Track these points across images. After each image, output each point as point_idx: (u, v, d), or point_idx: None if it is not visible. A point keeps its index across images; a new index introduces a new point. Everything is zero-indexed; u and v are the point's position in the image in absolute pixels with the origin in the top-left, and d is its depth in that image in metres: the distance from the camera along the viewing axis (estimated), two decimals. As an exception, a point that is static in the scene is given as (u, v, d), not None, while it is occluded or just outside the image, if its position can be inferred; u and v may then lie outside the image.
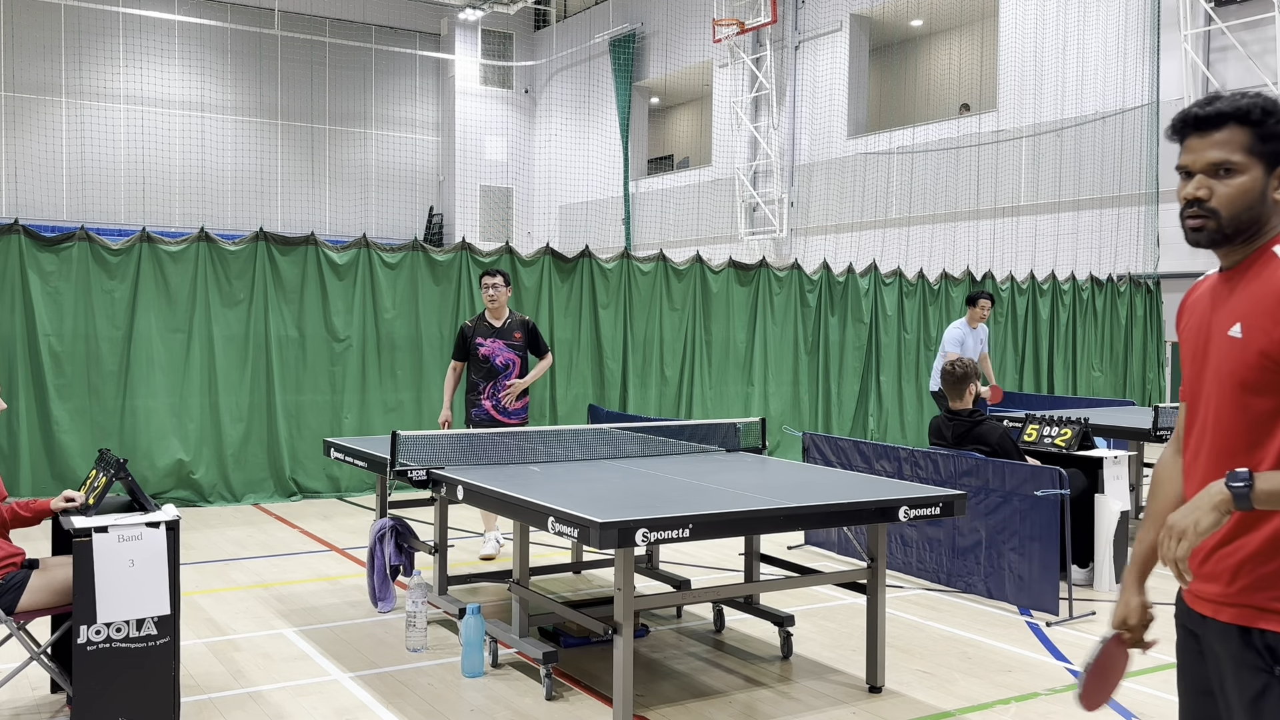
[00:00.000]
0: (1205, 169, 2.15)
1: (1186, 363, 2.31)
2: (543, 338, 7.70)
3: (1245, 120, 2.12)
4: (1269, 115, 2.11)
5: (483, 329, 7.44)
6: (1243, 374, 2.12)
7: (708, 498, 4.48)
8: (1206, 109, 2.15)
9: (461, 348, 7.49)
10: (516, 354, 7.45)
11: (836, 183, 20.85)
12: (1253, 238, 2.17)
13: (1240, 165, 2.13)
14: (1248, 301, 2.14)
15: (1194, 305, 2.33)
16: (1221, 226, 2.15)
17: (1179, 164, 2.22)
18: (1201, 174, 2.16)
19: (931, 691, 4.82)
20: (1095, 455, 6.82)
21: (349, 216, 26.66)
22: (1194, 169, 2.17)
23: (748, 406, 12.04)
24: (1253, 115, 2.12)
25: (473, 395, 7.51)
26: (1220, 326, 2.20)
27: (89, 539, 3.94)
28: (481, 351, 7.42)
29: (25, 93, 23.45)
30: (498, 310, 7.46)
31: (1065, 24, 17.04)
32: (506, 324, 7.47)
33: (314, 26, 25.93)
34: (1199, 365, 2.25)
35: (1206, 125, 2.15)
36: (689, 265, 11.74)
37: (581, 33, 27.10)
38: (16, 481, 8.58)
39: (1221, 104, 2.14)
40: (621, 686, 4.20)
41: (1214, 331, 2.22)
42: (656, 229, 25.00)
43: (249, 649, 5.32)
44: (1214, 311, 2.24)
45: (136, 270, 9.06)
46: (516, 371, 7.44)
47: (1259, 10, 14.55)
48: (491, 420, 7.42)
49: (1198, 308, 2.31)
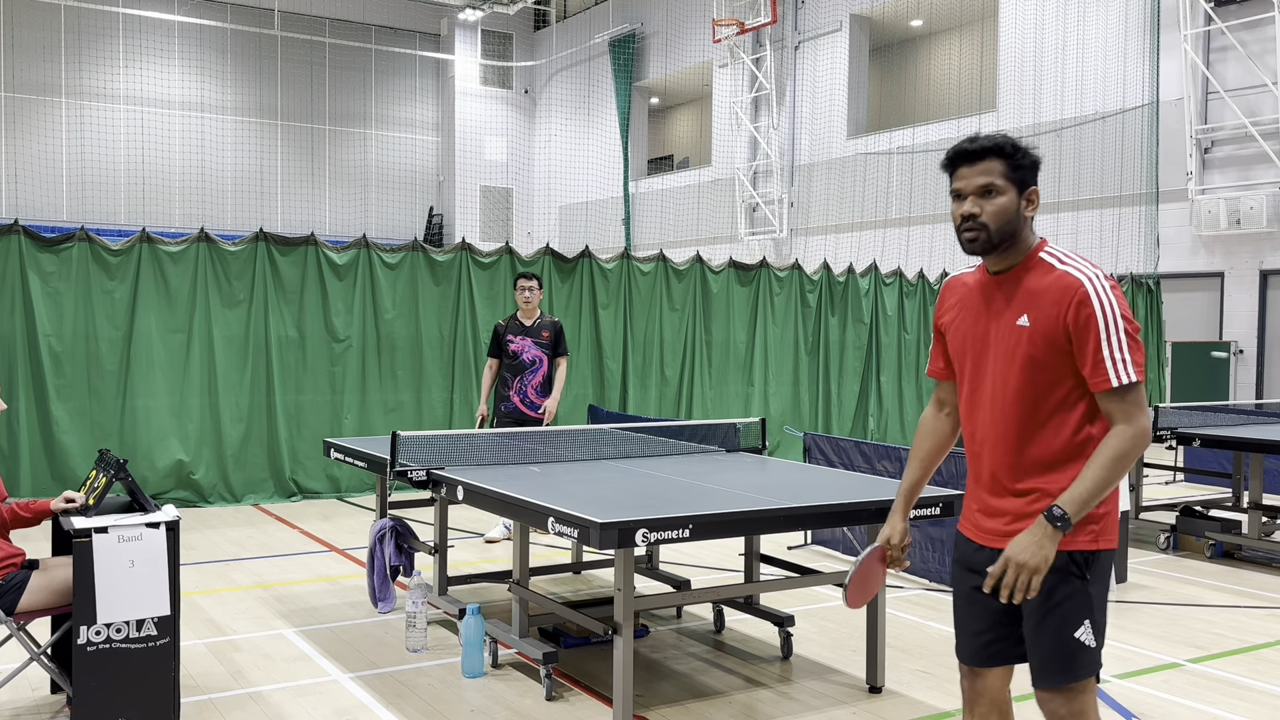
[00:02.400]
0: (975, 191, 2.77)
1: (962, 346, 2.94)
2: (565, 340, 8.14)
3: (1001, 154, 2.76)
4: (1018, 150, 2.76)
5: (514, 327, 7.95)
6: (1031, 353, 2.75)
7: (708, 498, 4.48)
8: (973, 145, 2.78)
9: (495, 345, 7.98)
10: (543, 352, 7.92)
11: (836, 183, 20.85)
12: (1012, 246, 2.81)
13: (1001, 188, 2.76)
14: (1029, 296, 2.77)
15: (965, 301, 2.95)
16: (990, 237, 2.77)
17: (953, 189, 2.82)
18: (972, 196, 2.78)
19: (931, 691, 4.82)
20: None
21: (349, 217, 26.67)
22: (965, 192, 2.79)
23: (748, 407, 12.04)
24: (1006, 149, 2.76)
25: (502, 390, 7.96)
26: (1005, 318, 2.82)
27: (89, 539, 3.94)
28: (510, 348, 7.89)
29: (25, 93, 23.45)
30: (530, 311, 7.96)
31: (1065, 24, 17.04)
32: (536, 324, 7.96)
33: (314, 27, 25.93)
34: (980, 348, 2.88)
35: (973, 158, 2.77)
36: (689, 265, 11.74)
37: (581, 33, 27.10)
38: (16, 482, 8.58)
39: (983, 140, 2.78)
40: (621, 687, 4.20)
41: (998, 322, 2.84)
42: (656, 229, 25.00)
43: (249, 649, 5.32)
44: (991, 305, 2.86)
45: (136, 270, 9.06)
46: (544, 369, 7.90)
47: (1259, 10, 14.55)
48: (520, 414, 7.86)
49: (970, 303, 2.93)
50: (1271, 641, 5.67)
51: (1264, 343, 14.91)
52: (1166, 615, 6.18)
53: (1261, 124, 14.49)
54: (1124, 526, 6.76)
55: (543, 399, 7.89)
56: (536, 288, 7.90)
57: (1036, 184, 2.82)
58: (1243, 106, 14.71)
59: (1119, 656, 5.36)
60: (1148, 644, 5.59)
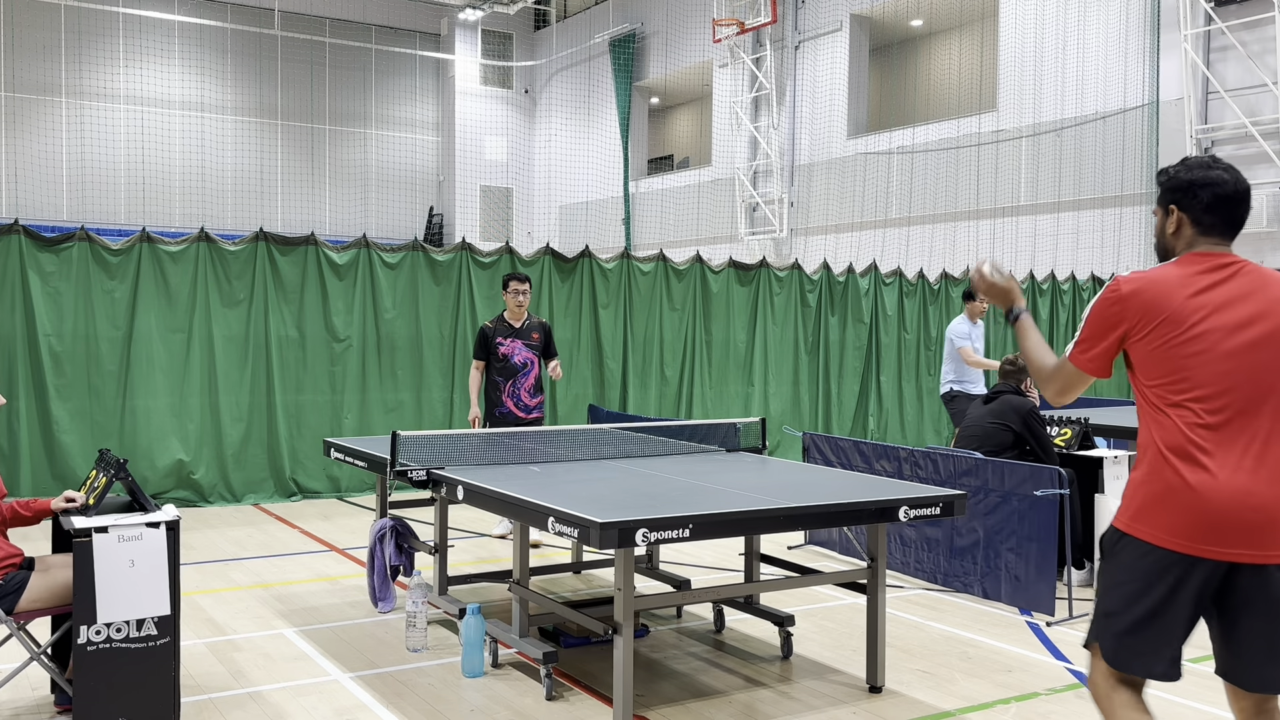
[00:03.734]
0: None
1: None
2: (554, 340, 8.05)
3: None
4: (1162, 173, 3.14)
5: (503, 329, 7.80)
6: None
7: (708, 498, 4.48)
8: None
9: (482, 347, 7.81)
10: (534, 353, 7.82)
11: (836, 183, 20.85)
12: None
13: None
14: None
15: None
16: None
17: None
18: None
19: (931, 691, 4.82)
20: (1095, 455, 6.82)
21: (349, 216, 26.65)
22: None
23: (748, 406, 12.04)
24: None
25: (494, 394, 7.82)
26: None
27: (89, 539, 3.94)
28: (501, 350, 7.74)
29: (25, 93, 23.44)
30: (519, 313, 7.81)
31: (1065, 24, 17.04)
32: (525, 325, 7.84)
33: (314, 26, 25.93)
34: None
35: None
36: (689, 265, 11.74)
37: (581, 33, 27.10)
38: (16, 481, 8.58)
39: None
40: (621, 686, 4.20)
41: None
42: (656, 229, 24.99)
43: (249, 649, 5.32)
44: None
45: (136, 270, 9.06)
46: (535, 370, 7.80)
47: (1259, 10, 14.55)
48: (514, 417, 7.74)
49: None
50: (1271, 641, 5.66)
51: (1264, 343, 14.89)
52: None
53: (1262, 124, 14.49)
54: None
55: (536, 399, 7.83)
56: (529, 289, 7.84)
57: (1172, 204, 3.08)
58: (1243, 106, 14.71)
59: (1119, 656, 5.35)
60: (1147, 644, 5.58)
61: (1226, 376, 2.86)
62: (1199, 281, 2.92)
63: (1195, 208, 3.00)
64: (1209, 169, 3.00)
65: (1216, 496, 2.81)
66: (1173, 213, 3.05)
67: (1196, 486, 2.83)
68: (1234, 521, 2.80)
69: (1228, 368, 2.86)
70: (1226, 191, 2.98)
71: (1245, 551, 2.82)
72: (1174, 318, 2.90)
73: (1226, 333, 2.87)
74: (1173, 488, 2.87)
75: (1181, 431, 2.87)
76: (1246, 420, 2.85)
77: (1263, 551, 2.82)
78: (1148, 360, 2.96)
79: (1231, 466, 2.83)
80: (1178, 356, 2.89)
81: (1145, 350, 2.95)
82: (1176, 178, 3.03)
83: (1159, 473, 2.91)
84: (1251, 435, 2.85)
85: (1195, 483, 2.84)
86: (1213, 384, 2.86)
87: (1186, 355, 2.88)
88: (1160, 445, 2.92)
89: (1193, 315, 2.89)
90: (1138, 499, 2.95)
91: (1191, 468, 2.85)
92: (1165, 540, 2.87)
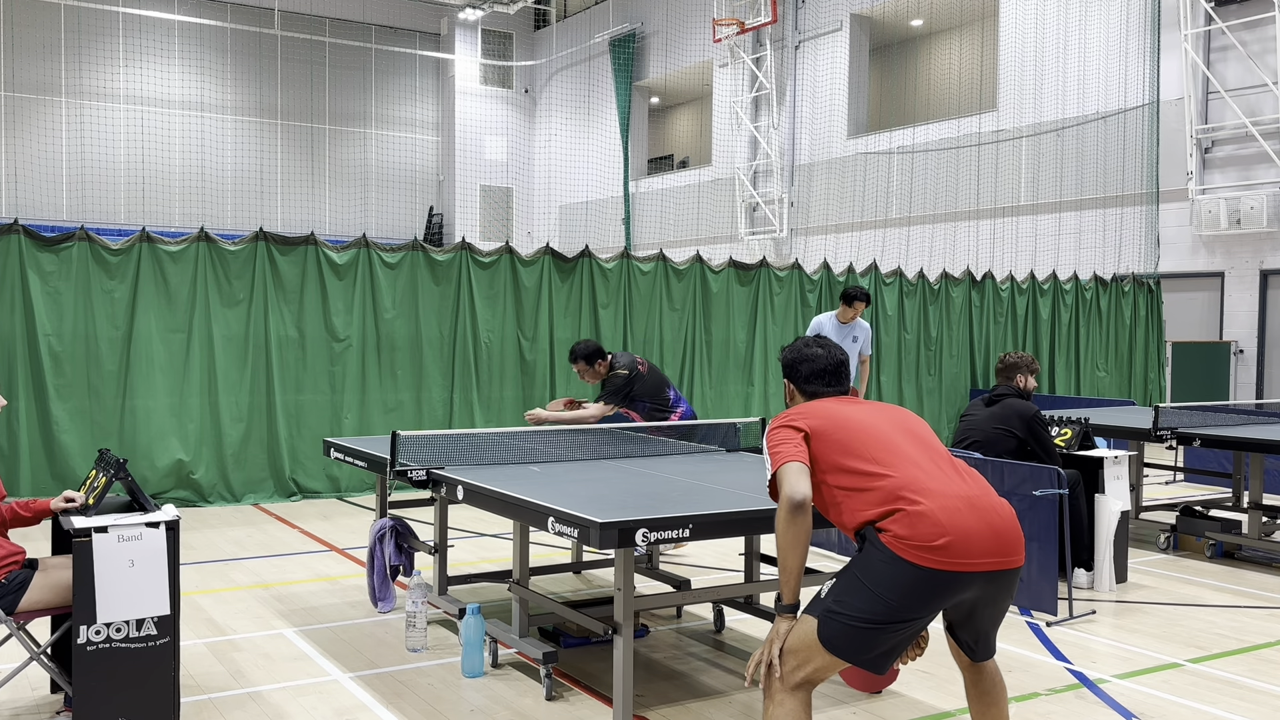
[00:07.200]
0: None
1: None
2: (608, 390, 7.29)
3: None
4: None
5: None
6: None
7: (708, 498, 4.48)
8: None
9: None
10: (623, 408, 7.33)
11: (836, 183, 20.85)
12: None
13: None
14: None
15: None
16: None
17: None
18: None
19: (931, 691, 4.82)
20: (1096, 455, 6.82)
21: (349, 216, 26.67)
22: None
23: (748, 406, 12.04)
24: None
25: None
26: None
27: (89, 539, 3.94)
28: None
29: (25, 93, 23.45)
30: (593, 381, 7.39)
31: (1065, 24, 17.04)
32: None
33: (314, 26, 25.93)
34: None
35: None
36: (689, 265, 11.74)
37: (581, 33, 27.11)
38: (16, 481, 8.58)
39: None
40: (621, 686, 4.20)
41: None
42: (656, 229, 25.00)
43: (249, 649, 5.32)
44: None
45: (136, 270, 9.06)
46: (638, 419, 7.28)
47: (1259, 10, 14.55)
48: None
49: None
50: (1272, 641, 5.67)
51: (1264, 343, 14.91)
52: (1167, 615, 6.18)
53: (1262, 124, 14.49)
54: (1124, 526, 6.76)
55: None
56: (585, 366, 7.23)
57: None
58: (1243, 106, 14.71)
59: (1119, 656, 5.36)
60: (1148, 644, 5.58)
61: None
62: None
63: (797, 379, 3.74)
64: (805, 347, 3.73)
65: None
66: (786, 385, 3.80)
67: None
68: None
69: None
70: (819, 366, 3.69)
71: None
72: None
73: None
74: None
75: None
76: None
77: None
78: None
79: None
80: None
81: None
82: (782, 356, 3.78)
83: None
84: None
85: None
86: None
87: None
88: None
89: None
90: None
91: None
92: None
